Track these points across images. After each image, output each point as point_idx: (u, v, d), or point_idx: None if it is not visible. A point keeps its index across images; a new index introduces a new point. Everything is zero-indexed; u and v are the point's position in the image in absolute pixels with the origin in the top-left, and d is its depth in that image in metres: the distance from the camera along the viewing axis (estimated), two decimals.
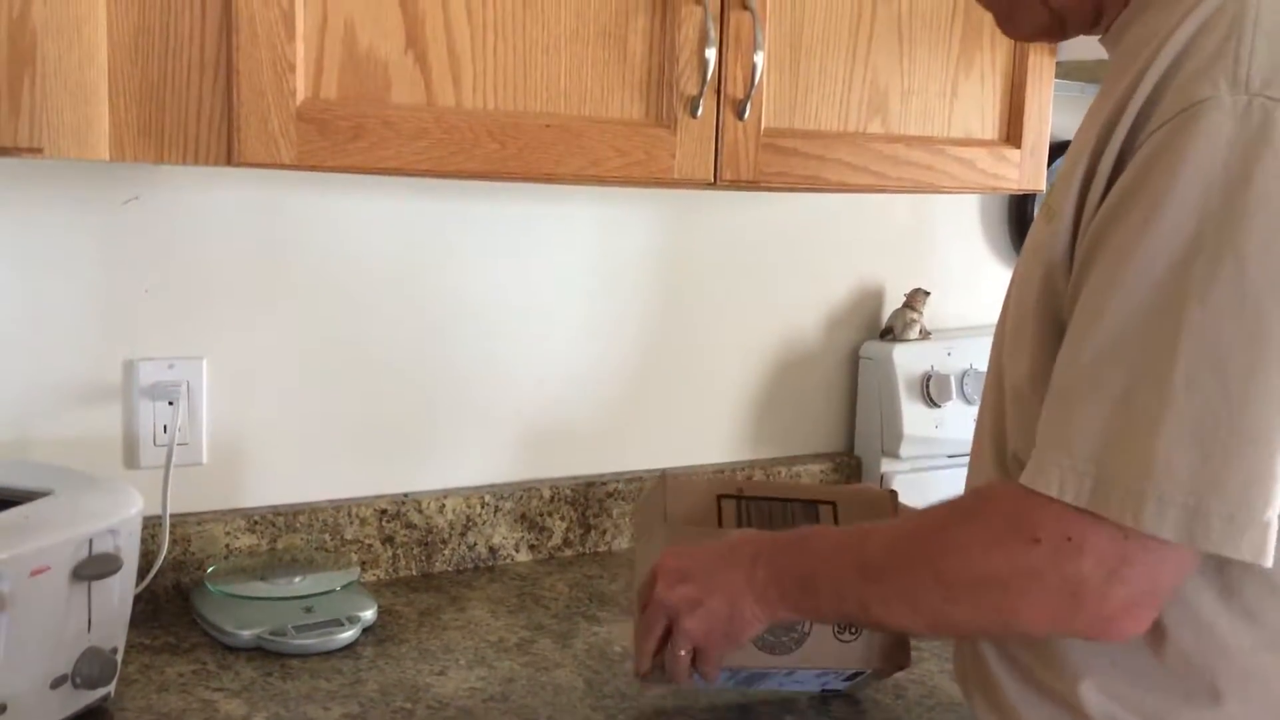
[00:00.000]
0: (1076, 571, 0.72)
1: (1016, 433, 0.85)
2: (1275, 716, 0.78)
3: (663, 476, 1.10)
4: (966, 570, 0.78)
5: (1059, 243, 0.79)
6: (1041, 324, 0.81)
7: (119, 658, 1.08)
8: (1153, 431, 0.70)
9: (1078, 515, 0.72)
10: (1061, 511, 0.73)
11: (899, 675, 1.22)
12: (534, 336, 1.55)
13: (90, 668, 1.03)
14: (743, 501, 1.09)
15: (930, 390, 1.73)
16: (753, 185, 1.29)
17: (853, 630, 1.02)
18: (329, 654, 1.23)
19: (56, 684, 1.01)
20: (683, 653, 0.94)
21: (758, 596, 0.90)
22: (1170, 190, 0.70)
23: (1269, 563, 0.70)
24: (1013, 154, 1.45)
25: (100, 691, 1.06)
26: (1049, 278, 0.80)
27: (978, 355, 1.74)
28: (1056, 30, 0.91)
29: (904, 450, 1.73)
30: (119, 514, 1.05)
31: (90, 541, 1.01)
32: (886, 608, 0.84)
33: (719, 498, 1.09)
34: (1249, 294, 0.68)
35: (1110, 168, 0.75)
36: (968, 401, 1.74)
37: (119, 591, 1.06)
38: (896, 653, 1.06)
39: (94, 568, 1.01)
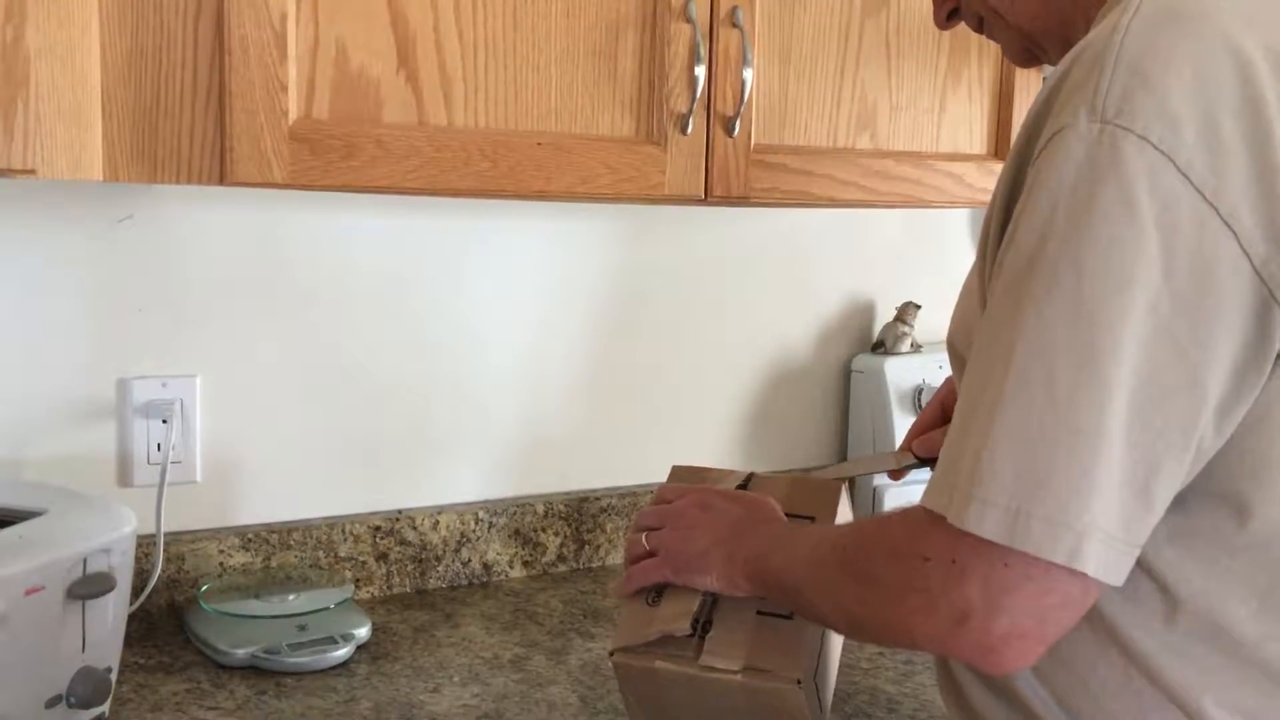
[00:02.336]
0: (962, 596, 0.73)
1: None
2: (1174, 711, 0.79)
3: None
4: (874, 577, 0.80)
5: (976, 265, 0.84)
6: None
7: (113, 677, 1.08)
8: (984, 434, 0.72)
9: (961, 537, 0.72)
10: (948, 531, 0.73)
11: (892, 690, 1.22)
12: (527, 352, 1.56)
13: (84, 687, 1.03)
14: None
15: (922, 403, 1.73)
16: (743, 201, 1.29)
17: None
18: (323, 672, 1.23)
19: (51, 704, 1.01)
20: (644, 541, 1.00)
21: (728, 555, 0.96)
22: (1031, 213, 0.73)
23: (1090, 569, 0.70)
24: (1000, 168, 1.46)
25: (94, 711, 1.06)
26: (978, 300, 0.84)
27: None
28: (1039, 54, 0.94)
29: None
30: (113, 533, 1.05)
31: (84, 561, 1.02)
32: (815, 596, 0.87)
33: None
34: (1084, 305, 0.70)
35: (1005, 192, 0.79)
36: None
37: (113, 611, 1.06)
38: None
39: (88, 587, 1.01)
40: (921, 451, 1.15)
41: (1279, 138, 0.71)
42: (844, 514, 1.07)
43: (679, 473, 1.12)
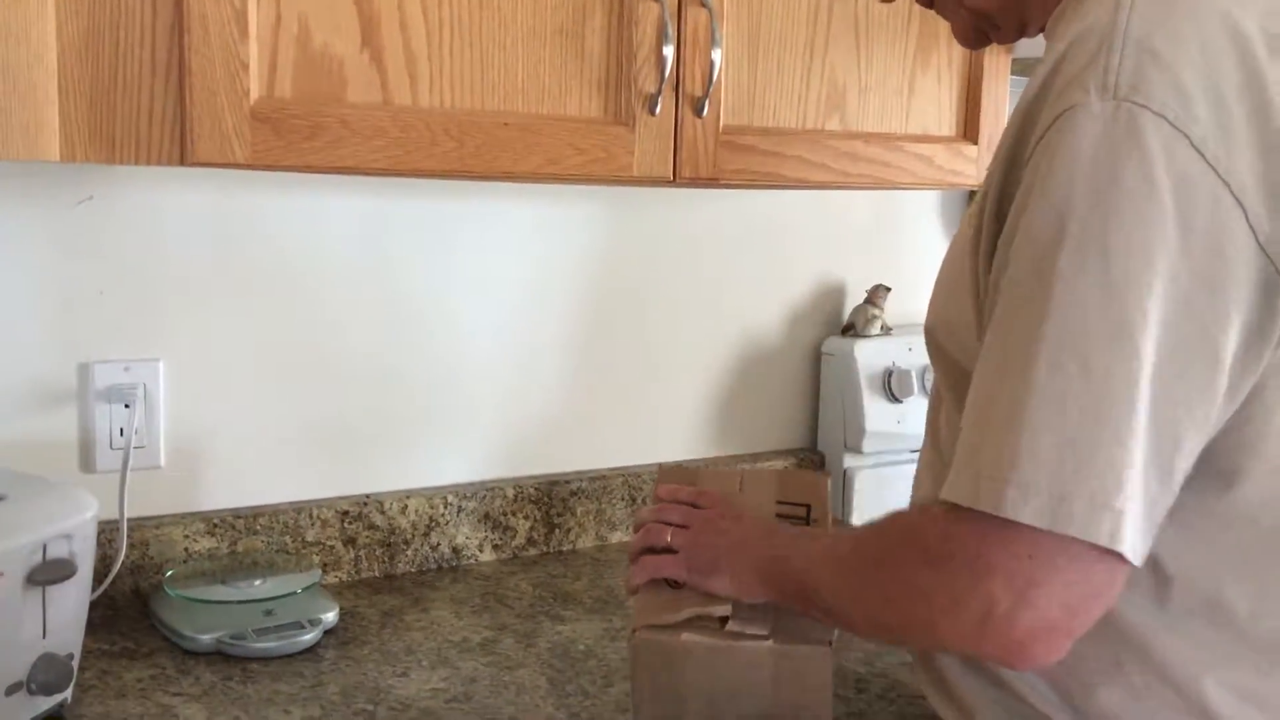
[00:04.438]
0: (988, 592, 0.72)
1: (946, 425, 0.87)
2: (1169, 692, 0.80)
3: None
4: (897, 579, 0.79)
5: (968, 243, 0.82)
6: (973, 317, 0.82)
7: (75, 663, 1.07)
8: (1016, 419, 0.71)
9: (986, 533, 0.72)
10: (974, 527, 0.73)
11: (861, 670, 1.23)
12: (496, 335, 1.55)
13: (46, 674, 1.02)
14: None
15: (892, 386, 1.74)
16: (712, 182, 1.29)
17: None
18: (290, 657, 1.22)
19: (11, 691, 1.00)
20: (669, 539, 1.00)
21: (745, 555, 0.96)
22: (1046, 193, 0.72)
23: (1126, 549, 0.70)
24: (970, 150, 1.46)
25: (57, 698, 1.05)
26: (970, 274, 0.83)
27: None
28: (991, 33, 0.94)
29: (867, 445, 1.74)
30: (73, 518, 1.04)
31: (44, 546, 1.00)
32: (836, 597, 0.87)
33: None
34: (1113, 287, 0.70)
35: (1002, 173, 0.78)
36: (929, 397, 1.75)
37: (75, 596, 1.05)
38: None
39: (48, 573, 1.00)
40: None
41: (1278, 115, 0.71)
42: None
43: (669, 472, 1.11)
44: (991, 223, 0.79)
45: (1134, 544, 0.70)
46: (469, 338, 1.53)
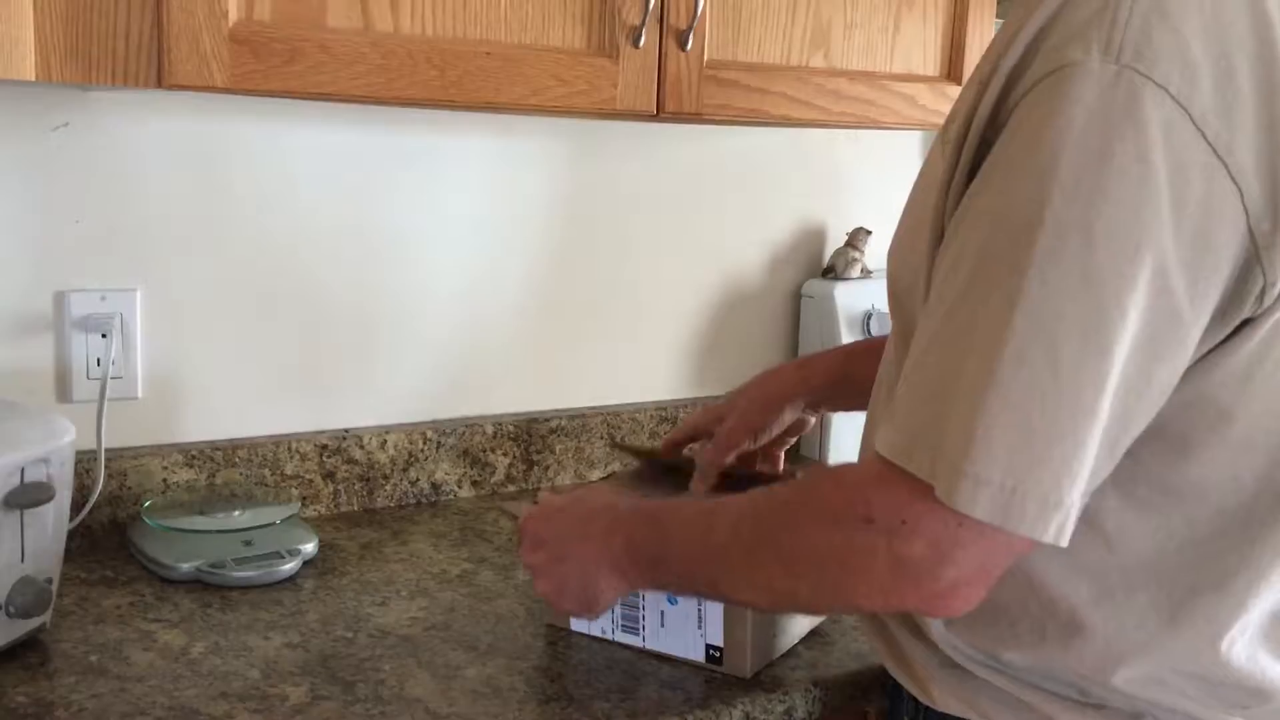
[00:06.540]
0: (909, 553, 0.71)
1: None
2: (1057, 635, 0.81)
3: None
4: (805, 547, 0.78)
5: (938, 186, 0.78)
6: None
7: (54, 588, 1.07)
8: (976, 408, 0.68)
9: (911, 497, 0.71)
10: (897, 492, 0.72)
11: None
12: (476, 271, 1.54)
13: (24, 597, 1.01)
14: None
15: (871, 329, 1.74)
16: (695, 117, 1.28)
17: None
18: (269, 586, 1.23)
19: None
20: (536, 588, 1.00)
21: (613, 567, 0.92)
22: (1029, 157, 0.67)
23: (1064, 541, 0.70)
24: (954, 90, 1.46)
25: (35, 621, 1.05)
26: (935, 218, 0.79)
27: None
28: None
29: None
30: (50, 443, 1.03)
31: (21, 470, 1.00)
32: (734, 585, 0.84)
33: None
34: (1091, 276, 0.66)
35: (984, 121, 0.73)
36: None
37: (53, 522, 1.05)
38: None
39: (26, 496, 0.99)
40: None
41: None
42: None
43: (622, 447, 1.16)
44: (966, 171, 0.74)
45: (1067, 531, 0.70)
46: (450, 273, 1.53)
